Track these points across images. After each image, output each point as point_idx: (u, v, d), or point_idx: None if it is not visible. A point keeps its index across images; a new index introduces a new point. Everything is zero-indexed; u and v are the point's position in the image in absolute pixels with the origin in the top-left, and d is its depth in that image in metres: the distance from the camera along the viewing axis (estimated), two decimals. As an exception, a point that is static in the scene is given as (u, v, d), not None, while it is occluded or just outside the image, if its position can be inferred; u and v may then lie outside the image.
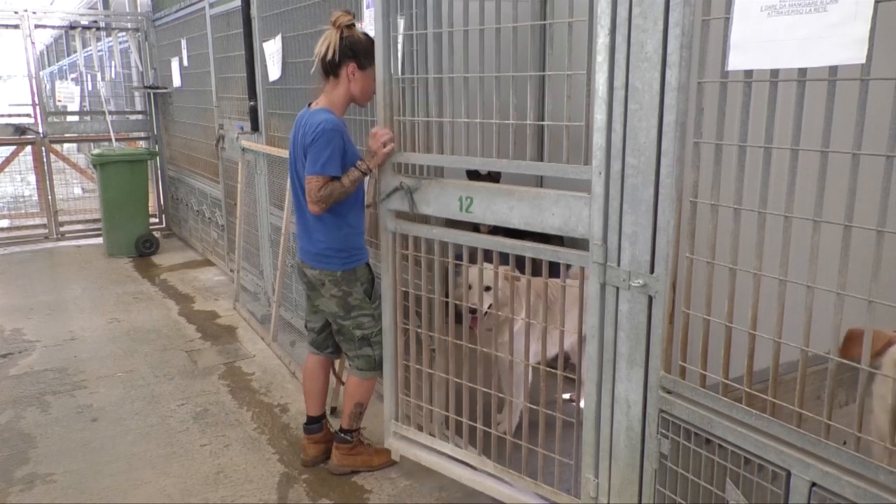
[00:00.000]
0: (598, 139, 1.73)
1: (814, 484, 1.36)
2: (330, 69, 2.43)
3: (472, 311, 2.40)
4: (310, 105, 2.53)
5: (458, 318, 2.38)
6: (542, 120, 3.47)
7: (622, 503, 1.81)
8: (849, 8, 1.27)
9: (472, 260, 2.24)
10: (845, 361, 1.37)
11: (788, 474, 1.40)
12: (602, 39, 1.68)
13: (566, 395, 2.81)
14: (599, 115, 1.72)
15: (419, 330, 2.44)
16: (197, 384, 3.64)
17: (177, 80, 6.30)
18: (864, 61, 1.26)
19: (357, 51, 2.40)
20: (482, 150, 2.10)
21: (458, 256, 2.29)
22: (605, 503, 1.86)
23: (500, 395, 2.35)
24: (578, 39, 1.86)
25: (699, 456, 1.59)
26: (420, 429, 2.55)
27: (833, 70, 1.33)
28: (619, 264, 1.73)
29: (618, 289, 1.75)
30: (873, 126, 1.33)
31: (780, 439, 1.43)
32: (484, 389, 2.28)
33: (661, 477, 1.69)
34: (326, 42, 2.40)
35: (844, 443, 1.36)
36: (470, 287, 2.42)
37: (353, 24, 2.41)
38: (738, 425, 1.50)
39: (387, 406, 2.60)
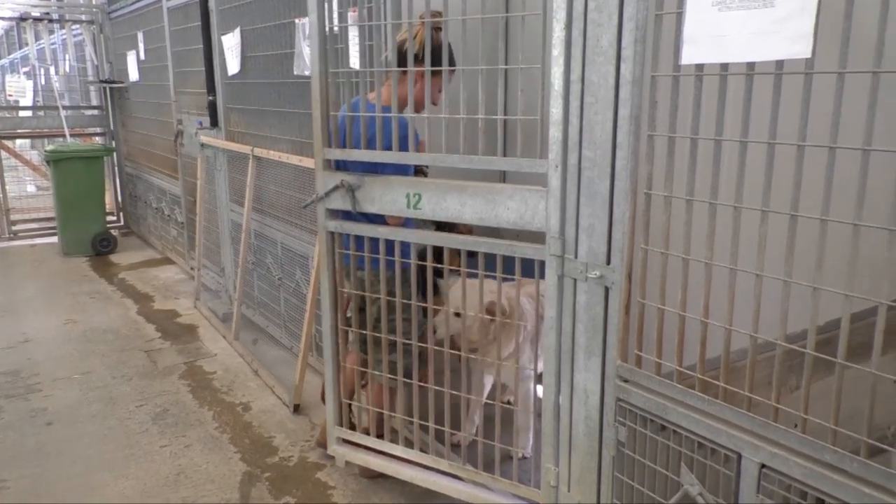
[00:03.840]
0: (555, 133, 1.74)
1: (763, 465, 1.39)
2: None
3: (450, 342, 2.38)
4: None
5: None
6: (504, 114, 3.50)
7: (581, 490, 1.84)
8: (795, 3, 1.31)
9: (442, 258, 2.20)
10: (794, 347, 1.41)
11: (739, 457, 1.43)
12: (558, 33, 1.70)
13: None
14: (556, 109, 1.73)
15: (364, 332, 2.41)
16: (156, 384, 3.57)
17: (134, 75, 6.16)
18: (809, 55, 1.30)
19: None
20: (430, 145, 2.08)
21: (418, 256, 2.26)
22: (564, 491, 1.89)
23: (465, 395, 2.34)
24: (535, 33, 1.87)
25: (655, 442, 1.62)
26: (367, 432, 2.50)
27: (780, 64, 1.36)
28: (576, 256, 1.75)
29: (575, 280, 1.77)
30: (818, 118, 1.37)
31: (731, 423, 1.46)
32: (441, 389, 2.27)
33: (619, 464, 1.72)
34: None
35: (796, 426, 1.40)
36: (458, 314, 2.36)
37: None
38: (691, 411, 1.53)
39: (329, 411, 2.55)
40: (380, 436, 2.47)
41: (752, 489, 1.41)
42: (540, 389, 1.97)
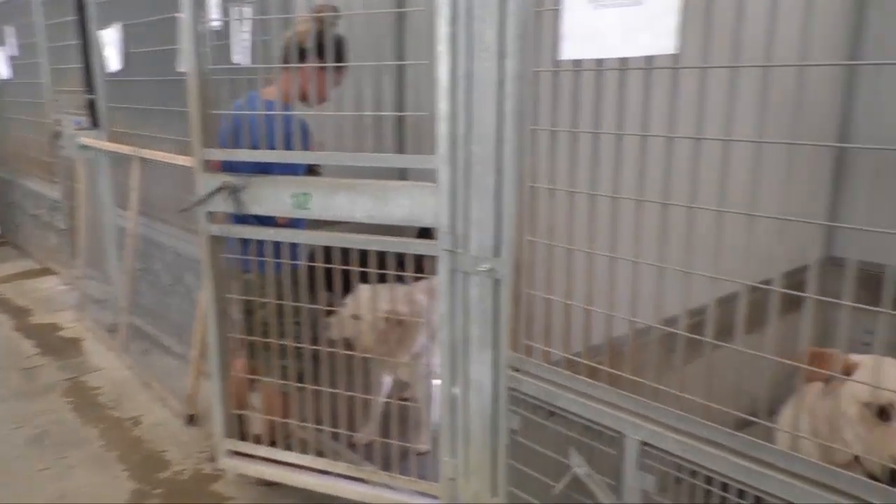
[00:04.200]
0: (443, 128, 1.75)
1: (644, 443, 1.46)
2: None
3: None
4: None
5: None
6: (400, 111, 3.49)
7: (478, 480, 1.86)
8: (661, 2, 1.37)
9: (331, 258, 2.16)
10: (669, 329, 1.49)
11: (622, 436, 1.49)
12: (443, 29, 1.71)
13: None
14: (443, 105, 1.74)
15: (252, 337, 2.34)
16: (35, 404, 3.31)
17: (4, 72, 5.69)
18: (675, 51, 1.37)
19: None
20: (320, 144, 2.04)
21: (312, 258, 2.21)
22: (462, 483, 1.90)
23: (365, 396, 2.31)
24: (427, 30, 1.87)
25: (545, 428, 1.66)
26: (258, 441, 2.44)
27: (650, 59, 1.43)
28: (467, 250, 1.77)
29: (467, 274, 1.78)
30: (688, 111, 1.45)
31: (615, 405, 1.52)
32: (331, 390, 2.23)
33: (513, 451, 1.75)
34: None
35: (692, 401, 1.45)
36: (357, 317, 2.35)
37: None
38: (578, 396, 1.58)
39: (217, 423, 2.45)
40: (273, 443, 2.40)
41: (634, 466, 1.47)
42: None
